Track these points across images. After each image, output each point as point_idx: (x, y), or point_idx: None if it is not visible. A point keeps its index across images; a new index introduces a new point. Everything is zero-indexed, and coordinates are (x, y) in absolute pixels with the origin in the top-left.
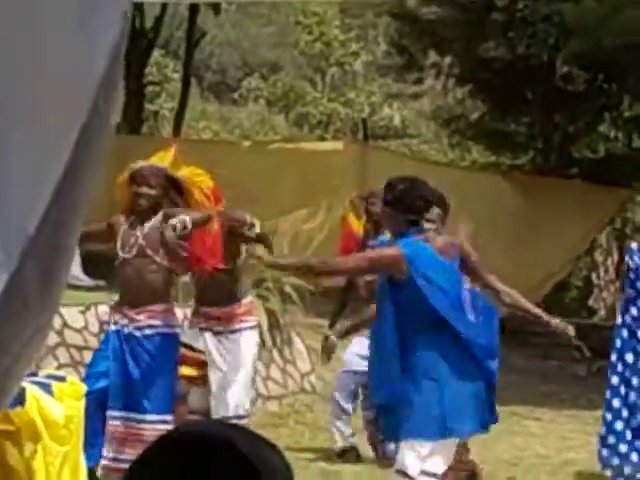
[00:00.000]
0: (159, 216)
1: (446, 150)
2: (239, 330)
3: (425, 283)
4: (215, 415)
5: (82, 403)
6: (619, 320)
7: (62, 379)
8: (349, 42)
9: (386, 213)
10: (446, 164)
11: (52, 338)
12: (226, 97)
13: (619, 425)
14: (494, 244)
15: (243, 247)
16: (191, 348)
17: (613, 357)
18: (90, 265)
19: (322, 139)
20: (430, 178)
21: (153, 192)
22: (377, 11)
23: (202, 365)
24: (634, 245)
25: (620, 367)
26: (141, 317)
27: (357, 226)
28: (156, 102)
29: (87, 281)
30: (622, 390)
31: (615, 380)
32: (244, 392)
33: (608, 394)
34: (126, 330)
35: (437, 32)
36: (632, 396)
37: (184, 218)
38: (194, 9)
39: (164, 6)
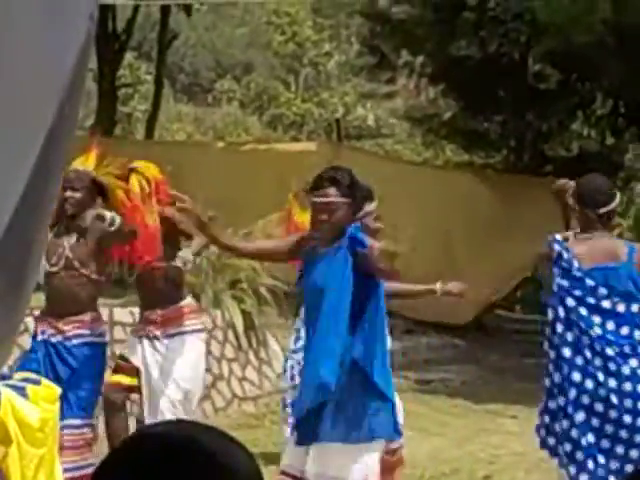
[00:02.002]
0: (89, 218)
1: (420, 149)
2: (177, 334)
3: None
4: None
5: (57, 406)
6: (550, 315)
7: (37, 382)
8: (322, 42)
9: (342, 204)
10: (420, 163)
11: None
12: (199, 99)
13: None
14: (468, 242)
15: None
16: (126, 360)
17: (552, 355)
18: None
19: (296, 140)
20: (405, 177)
21: (77, 195)
22: (349, 11)
23: (138, 373)
24: (558, 236)
25: (560, 363)
26: (68, 327)
27: (303, 220)
28: (129, 104)
29: None
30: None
31: (558, 378)
32: (175, 406)
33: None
34: (53, 340)
35: (409, 31)
36: (572, 393)
37: (115, 215)
38: (166, 11)
39: (136, 8)
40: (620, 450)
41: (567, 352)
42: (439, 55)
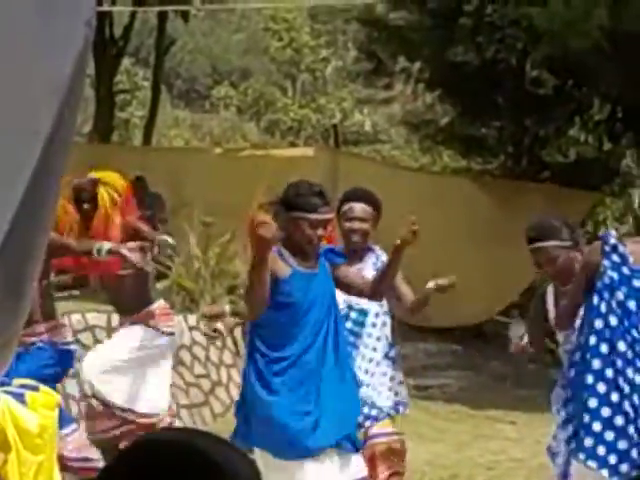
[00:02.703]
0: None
1: (417, 155)
2: (147, 325)
3: None
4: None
5: (56, 412)
6: (604, 307)
7: (35, 388)
8: (319, 48)
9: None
10: (417, 169)
11: None
12: (197, 105)
13: (620, 420)
14: (466, 248)
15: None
16: None
17: (605, 348)
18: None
19: (293, 145)
20: (402, 183)
21: None
22: (346, 17)
23: None
24: (612, 232)
25: (613, 357)
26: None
27: None
28: (127, 110)
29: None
30: (620, 382)
31: (611, 373)
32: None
33: (604, 388)
34: None
35: (406, 37)
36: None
37: None
38: (163, 17)
39: (133, 14)
40: None
41: (622, 346)
42: (436, 61)
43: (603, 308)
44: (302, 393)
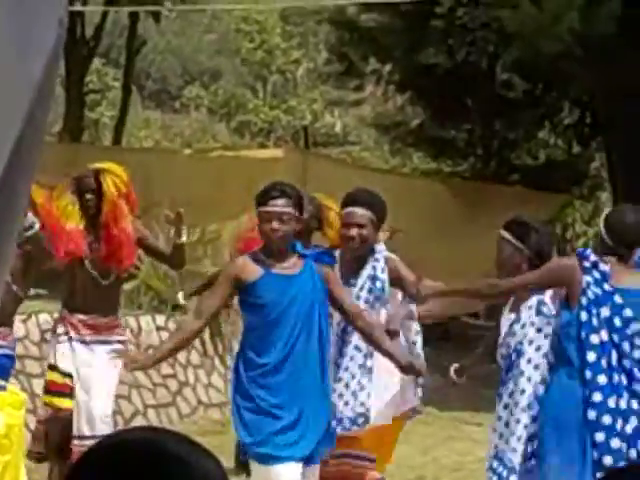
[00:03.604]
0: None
1: (387, 157)
2: (116, 343)
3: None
4: (77, 432)
5: (23, 412)
6: (584, 316)
7: (2, 388)
8: (290, 50)
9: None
10: (387, 171)
11: None
12: (167, 105)
13: (615, 443)
14: (436, 249)
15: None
16: (57, 370)
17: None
18: None
19: (264, 147)
20: (372, 185)
21: None
22: (318, 19)
23: (70, 392)
24: (589, 250)
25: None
26: None
27: None
28: (97, 110)
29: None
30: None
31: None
32: (107, 407)
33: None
34: None
35: (377, 39)
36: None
37: (34, 220)
38: (135, 17)
39: (105, 14)
40: None
41: (614, 360)
42: (407, 63)
43: (595, 323)
44: (283, 398)
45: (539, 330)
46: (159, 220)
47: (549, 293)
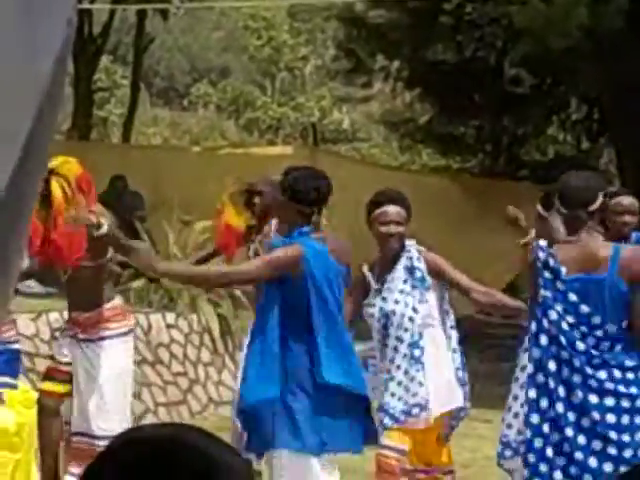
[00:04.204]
0: None
1: (396, 154)
2: (99, 339)
3: (312, 285)
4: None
5: (34, 411)
6: (534, 327)
7: (14, 387)
8: (298, 46)
9: (280, 202)
10: (396, 168)
11: None
12: (175, 103)
13: (538, 442)
14: (445, 246)
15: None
16: (56, 360)
17: (530, 369)
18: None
19: (272, 144)
20: (381, 182)
21: None
22: (325, 15)
23: (70, 379)
24: (542, 242)
25: (541, 378)
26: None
27: (237, 221)
28: (105, 108)
29: (38, 288)
30: (543, 403)
31: (533, 393)
32: (102, 411)
33: (526, 409)
34: None
35: (385, 36)
36: (558, 407)
37: None
38: (142, 15)
39: (112, 12)
40: (610, 454)
41: (552, 365)
42: (415, 59)
43: (545, 324)
44: None
45: None
46: (169, 218)
47: None
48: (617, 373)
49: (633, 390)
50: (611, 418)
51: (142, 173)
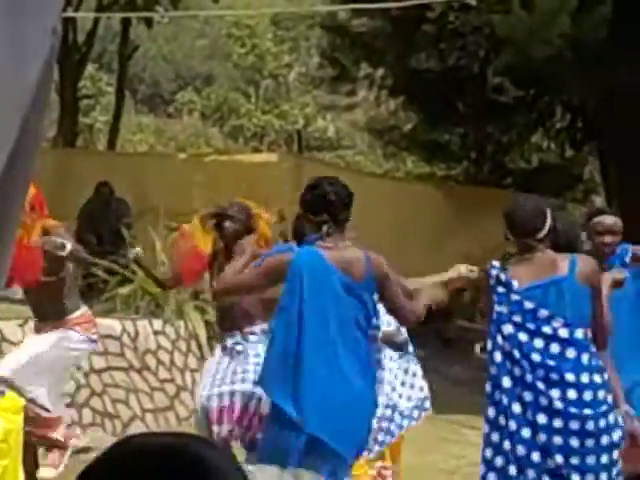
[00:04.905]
0: None
1: (380, 161)
2: (66, 330)
3: (286, 291)
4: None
5: (21, 417)
6: (489, 345)
7: (1, 393)
8: (282, 54)
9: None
10: (381, 175)
11: None
12: (160, 110)
13: (499, 461)
14: (429, 254)
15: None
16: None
17: (488, 387)
18: None
19: (257, 151)
20: (365, 189)
21: None
22: (309, 23)
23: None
24: (494, 262)
25: (497, 395)
26: None
27: (205, 245)
28: (91, 115)
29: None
30: (501, 421)
31: (492, 412)
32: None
33: (486, 428)
34: None
35: (369, 44)
36: (511, 425)
37: None
38: (127, 23)
39: (97, 20)
40: None
41: (507, 382)
42: (399, 67)
43: (499, 340)
44: None
45: None
46: (155, 225)
47: None
48: (571, 393)
49: (587, 412)
50: (558, 440)
51: (128, 180)
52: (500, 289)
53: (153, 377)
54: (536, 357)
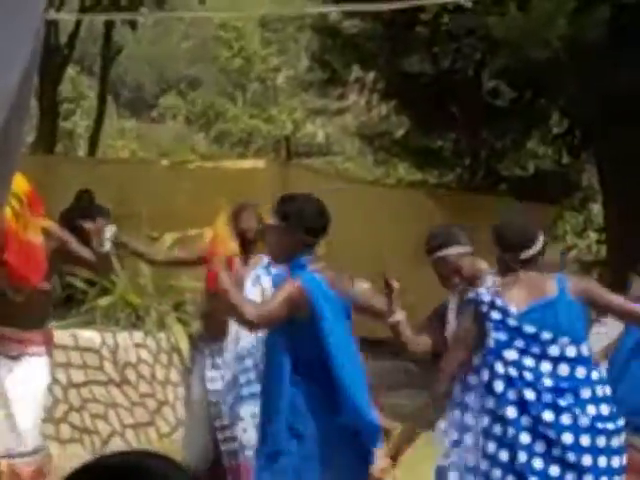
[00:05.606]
0: None
1: (371, 168)
2: (18, 356)
3: (322, 322)
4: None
5: None
6: (484, 376)
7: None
8: (270, 57)
9: (280, 230)
10: (372, 182)
11: None
12: (143, 114)
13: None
14: (422, 262)
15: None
16: None
17: (486, 421)
18: None
19: (243, 157)
20: (356, 197)
21: None
22: (298, 25)
23: None
24: (481, 289)
25: (498, 429)
26: None
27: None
28: (71, 120)
29: None
30: (503, 456)
31: (493, 447)
32: (33, 427)
33: (486, 465)
34: None
35: (360, 46)
36: (521, 457)
37: None
38: (110, 24)
39: (79, 22)
40: None
41: (512, 412)
42: (391, 71)
43: (485, 376)
44: None
45: None
46: (137, 234)
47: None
48: (591, 409)
49: (610, 426)
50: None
51: (109, 187)
52: (495, 315)
53: (133, 391)
54: (548, 382)
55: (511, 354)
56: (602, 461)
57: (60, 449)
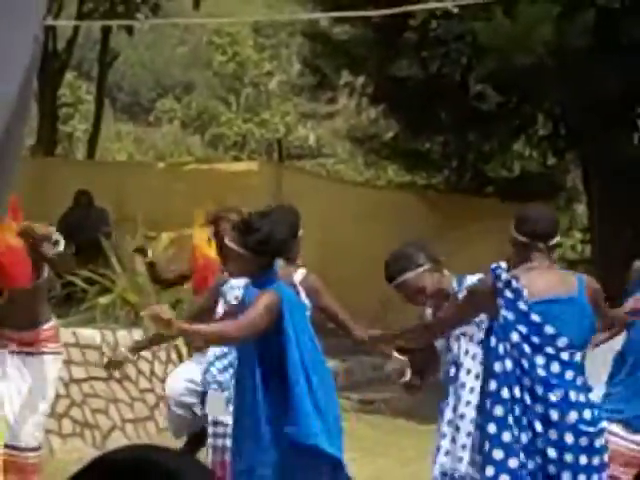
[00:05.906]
0: None
1: (361, 170)
2: (39, 354)
3: (291, 330)
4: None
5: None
6: (500, 350)
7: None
8: (263, 62)
9: (244, 258)
10: (362, 184)
11: None
12: (140, 118)
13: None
14: None
15: (45, 266)
16: None
17: (488, 404)
18: None
19: (237, 159)
20: (346, 198)
21: None
22: (290, 31)
23: None
24: (502, 264)
25: (500, 409)
26: None
27: (210, 252)
28: (70, 124)
29: None
30: (505, 437)
31: (493, 428)
32: (39, 422)
33: (487, 447)
34: None
35: (350, 51)
36: (523, 438)
37: None
38: (107, 30)
39: (76, 28)
40: None
41: (517, 391)
42: (380, 75)
43: (501, 350)
44: None
45: (471, 338)
46: (134, 234)
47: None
48: (570, 418)
49: (590, 429)
50: (569, 458)
51: (107, 189)
52: (508, 294)
53: (133, 387)
54: (541, 372)
55: (514, 336)
56: (583, 459)
57: (62, 443)
